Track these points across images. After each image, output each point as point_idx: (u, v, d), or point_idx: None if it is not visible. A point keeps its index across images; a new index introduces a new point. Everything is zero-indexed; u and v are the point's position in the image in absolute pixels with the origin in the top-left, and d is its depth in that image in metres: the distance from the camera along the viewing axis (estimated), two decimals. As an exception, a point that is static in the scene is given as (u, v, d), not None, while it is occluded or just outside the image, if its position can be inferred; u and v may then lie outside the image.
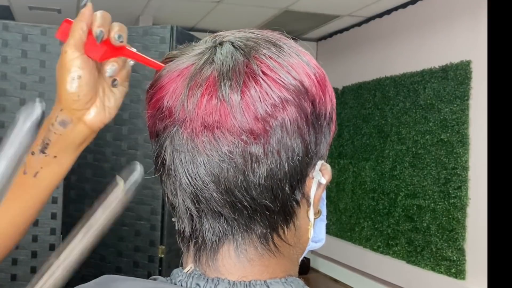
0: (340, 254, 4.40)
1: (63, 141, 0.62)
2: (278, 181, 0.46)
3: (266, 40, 0.50)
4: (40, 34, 2.30)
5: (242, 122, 0.45)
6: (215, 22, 4.48)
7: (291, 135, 0.46)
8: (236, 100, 0.45)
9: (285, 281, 0.50)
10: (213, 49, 0.49)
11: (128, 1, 3.94)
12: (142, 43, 2.26)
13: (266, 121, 0.45)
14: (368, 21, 4.26)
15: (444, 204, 3.25)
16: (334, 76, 4.68)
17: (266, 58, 0.47)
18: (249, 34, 0.51)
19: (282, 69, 0.47)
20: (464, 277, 3.10)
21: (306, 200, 0.51)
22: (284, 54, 0.48)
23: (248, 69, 0.46)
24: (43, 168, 0.62)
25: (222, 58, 0.47)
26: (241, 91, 0.45)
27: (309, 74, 0.48)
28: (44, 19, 4.39)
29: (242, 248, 0.49)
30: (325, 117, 0.50)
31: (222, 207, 0.47)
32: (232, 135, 0.45)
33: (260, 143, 0.45)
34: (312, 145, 0.48)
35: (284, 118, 0.46)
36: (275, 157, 0.46)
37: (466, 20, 3.20)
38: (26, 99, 2.28)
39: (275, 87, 0.46)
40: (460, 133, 3.14)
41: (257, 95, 0.45)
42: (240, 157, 0.45)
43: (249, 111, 0.45)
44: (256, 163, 0.46)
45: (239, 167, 0.46)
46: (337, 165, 4.52)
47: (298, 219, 0.50)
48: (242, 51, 0.48)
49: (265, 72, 0.46)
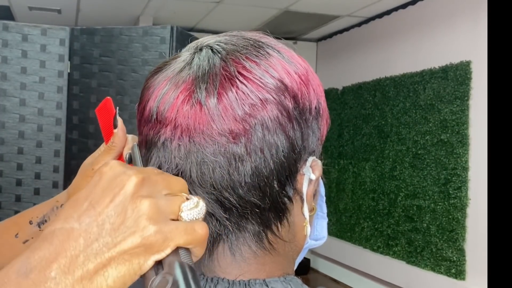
0: (340, 254, 4.40)
1: None
2: (264, 178, 0.47)
3: (245, 41, 0.50)
4: (40, 34, 2.30)
5: (220, 124, 0.45)
6: (215, 22, 4.48)
7: (273, 132, 0.46)
8: (213, 102, 0.45)
9: (284, 279, 0.50)
10: (193, 55, 0.50)
11: (128, 1, 3.94)
12: (142, 43, 2.26)
13: (245, 121, 0.46)
14: (368, 21, 4.26)
15: (444, 205, 3.25)
16: (334, 76, 4.68)
17: (243, 59, 0.48)
18: (230, 37, 0.51)
19: (259, 68, 0.47)
20: (464, 277, 3.10)
21: (299, 196, 0.51)
22: (262, 53, 0.49)
23: (224, 71, 0.47)
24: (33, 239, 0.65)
25: (199, 63, 0.48)
26: (218, 93, 0.46)
27: (288, 71, 0.49)
28: (44, 19, 4.39)
29: (236, 248, 0.49)
30: (310, 111, 0.50)
31: (212, 207, 0.47)
32: (211, 137, 0.45)
33: (241, 143, 0.46)
34: (298, 140, 0.48)
35: (263, 116, 0.46)
36: (259, 155, 0.46)
37: (466, 20, 3.20)
38: (26, 99, 2.28)
39: (253, 87, 0.46)
40: (460, 134, 3.14)
41: (234, 97, 0.46)
42: (224, 158, 0.46)
43: (227, 113, 0.45)
44: (239, 162, 0.46)
45: (223, 167, 0.46)
46: (337, 165, 4.52)
47: (291, 215, 0.51)
48: (220, 55, 0.48)
49: (241, 73, 0.47)
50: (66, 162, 2.31)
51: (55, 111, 2.31)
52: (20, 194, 2.26)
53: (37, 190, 2.28)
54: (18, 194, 2.26)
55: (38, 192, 2.28)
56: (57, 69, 2.31)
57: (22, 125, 2.27)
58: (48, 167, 2.29)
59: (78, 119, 2.32)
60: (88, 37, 2.32)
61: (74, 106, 2.33)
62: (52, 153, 2.30)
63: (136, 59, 2.26)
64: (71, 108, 2.33)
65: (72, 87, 2.33)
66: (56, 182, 2.30)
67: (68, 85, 2.33)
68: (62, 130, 2.31)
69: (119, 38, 2.28)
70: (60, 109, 2.31)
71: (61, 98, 2.31)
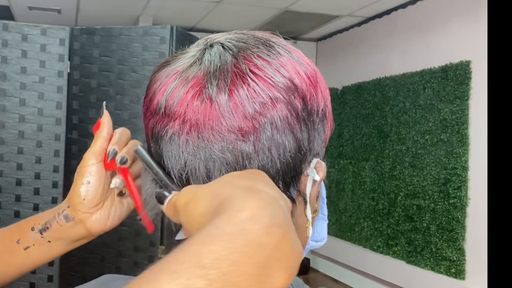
0: (340, 254, 4.40)
1: (61, 232, 0.65)
2: (270, 178, 0.46)
3: (256, 40, 0.50)
4: (40, 34, 2.30)
5: (230, 121, 0.45)
6: (215, 22, 4.48)
7: (282, 132, 0.46)
8: (223, 99, 0.45)
9: None
10: (203, 51, 0.50)
11: (128, 1, 3.94)
12: (142, 43, 2.26)
13: (255, 119, 0.45)
14: (368, 21, 4.26)
15: (444, 204, 3.25)
16: (334, 76, 4.68)
17: (255, 57, 0.47)
18: (240, 35, 0.51)
19: (271, 67, 0.47)
20: (464, 277, 3.10)
21: (302, 198, 0.51)
22: (274, 52, 0.49)
23: (236, 68, 0.47)
24: (35, 246, 0.65)
25: (211, 59, 0.48)
26: (229, 90, 0.45)
27: (299, 72, 0.49)
28: (44, 19, 4.39)
29: None
30: (317, 113, 0.50)
31: None
32: (220, 133, 0.45)
33: (250, 141, 0.46)
34: (305, 141, 0.48)
35: (273, 115, 0.46)
36: (266, 154, 0.46)
37: (466, 20, 3.20)
38: (26, 99, 2.28)
39: (264, 85, 0.46)
40: (460, 133, 3.14)
41: (245, 94, 0.45)
42: (231, 155, 0.46)
43: (237, 110, 0.45)
44: (247, 160, 0.46)
45: (230, 165, 0.46)
46: (337, 165, 4.52)
47: (294, 217, 0.50)
48: (231, 51, 0.48)
49: (253, 71, 0.46)
50: (66, 162, 2.31)
51: (55, 111, 2.31)
52: (20, 194, 2.26)
53: (37, 190, 2.28)
54: (18, 194, 2.26)
55: (38, 192, 2.28)
56: (57, 69, 2.31)
57: (22, 125, 2.27)
58: (48, 167, 2.29)
59: (78, 119, 2.32)
60: (88, 37, 2.32)
61: (74, 106, 2.33)
62: (52, 153, 2.30)
63: (136, 59, 2.26)
64: (71, 108, 2.33)
65: (72, 87, 2.33)
66: (56, 182, 2.30)
67: (68, 85, 2.33)
68: (62, 130, 2.31)
69: (119, 38, 2.28)
70: (60, 109, 2.31)
71: (61, 98, 2.31)
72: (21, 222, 0.67)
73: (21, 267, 0.67)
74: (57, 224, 0.64)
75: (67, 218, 0.64)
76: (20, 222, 0.67)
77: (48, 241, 0.65)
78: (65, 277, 2.28)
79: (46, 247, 0.65)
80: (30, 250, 0.65)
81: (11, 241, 0.66)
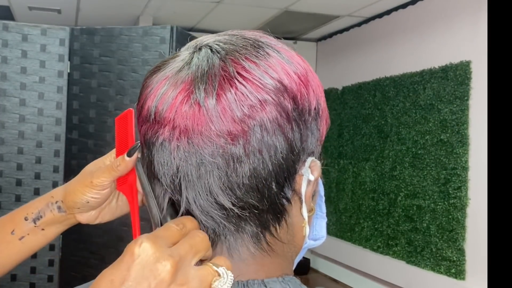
0: (340, 254, 4.40)
1: (54, 220, 0.67)
2: (263, 179, 0.46)
3: (245, 41, 0.50)
4: (40, 34, 2.30)
5: (218, 125, 0.45)
6: (215, 22, 4.48)
7: (272, 134, 0.46)
8: (211, 103, 0.45)
9: (282, 280, 0.50)
10: (192, 54, 0.49)
11: (128, 1, 3.94)
12: (142, 43, 2.26)
13: (244, 122, 0.45)
14: (368, 21, 4.26)
15: (444, 205, 3.25)
16: (334, 76, 4.68)
17: (242, 59, 0.47)
18: (230, 37, 0.51)
19: (259, 69, 0.47)
20: (464, 277, 3.10)
21: (298, 197, 0.51)
22: (262, 53, 0.48)
23: (224, 72, 0.46)
24: (29, 235, 0.67)
25: (198, 63, 0.48)
26: (217, 94, 0.45)
27: (288, 72, 0.48)
28: (44, 19, 4.39)
29: (234, 249, 0.49)
30: (309, 112, 0.49)
31: (210, 208, 0.47)
32: (209, 138, 0.45)
33: (239, 144, 0.45)
34: (297, 142, 0.48)
35: (262, 117, 0.46)
36: (257, 156, 0.46)
37: (466, 20, 3.20)
38: (26, 99, 2.28)
39: (252, 87, 0.46)
40: (460, 134, 3.14)
41: (233, 97, 0.45)
42: (222, 159, 0.46)
43: (225, 114, 0.45)
44: (238, 163, 0.46)
45: (221, 169, 0.46)
46: (337, 165, 4.52)
47: (290, 216, 0.50)
48: (219, 54, 0.48)
49: (241, 73, 0.46)
50: (66, 162, 2.31)
51: (55, 111, 2.31)
52: (20, 194, 2.26)
53: (37, 190, 2.28)
54: (18, 194, 2.26)
55: (38, 192, 2.28)
56: (57, 69, 2.31)
57: (22, 125, 2.27)
58: (48, 167, 2.29)
59: (78, 119, 2.32)
60: (88, 37, 2.32)
61: (74, 106, 2.33)
62: (52, 153, 2.30)
63: (136, 59, 2.26)
64: (71, 108, 2.33)
65: (72, 87, 2.33)
66: (56, 182, 2.30)
67: (68, 85, 2.33)
68: (62, 130, 2.31)
69: (119, 38, 2.28)
70: (60, 109, 2.31)
71: (61, 98, 2.32)
72: (11, 213, 0.69)
73: (19, 256, 0.69)
74: (51, 213, 0.66)
75: (60, 209, 0.66)
76: (11, 214, 0.69)
77: (41, 229, 0.67)
78: (65, 277, 2.28)
79: (40, 234, 0.68)
80: (25, 239, 0.67)
81: (5, 233, 0.67)
